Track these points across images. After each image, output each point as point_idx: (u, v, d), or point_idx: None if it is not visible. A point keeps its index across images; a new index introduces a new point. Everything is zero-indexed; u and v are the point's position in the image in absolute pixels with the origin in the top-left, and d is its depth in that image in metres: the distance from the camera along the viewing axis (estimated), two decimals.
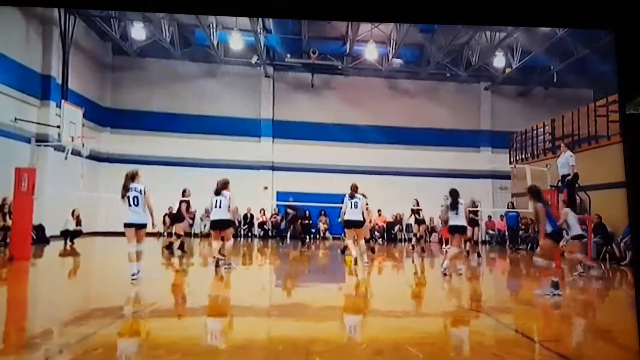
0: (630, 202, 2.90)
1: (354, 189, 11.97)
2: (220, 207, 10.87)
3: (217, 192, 10.95)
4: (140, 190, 9.00)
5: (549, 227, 8.11)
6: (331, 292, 9.11)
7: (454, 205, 10.78)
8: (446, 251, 12.22)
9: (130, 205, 8.95)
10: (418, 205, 16.68)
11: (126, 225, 8.96)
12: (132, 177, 9.13)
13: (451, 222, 10.89)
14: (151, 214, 9.19)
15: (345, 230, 12.17)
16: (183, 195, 13.80)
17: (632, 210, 2.92)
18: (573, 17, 3.26)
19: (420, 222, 16.97)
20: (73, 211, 16.32)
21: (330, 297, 7.98)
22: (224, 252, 10.99)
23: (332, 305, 7.36)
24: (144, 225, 9.06)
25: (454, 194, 10.87)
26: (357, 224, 11.86)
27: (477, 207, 16.57)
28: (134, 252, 8.83)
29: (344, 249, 14.38)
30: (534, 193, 8.38)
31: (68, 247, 15.54)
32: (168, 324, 6.17)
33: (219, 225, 10.99)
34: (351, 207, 11.78)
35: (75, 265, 12.85)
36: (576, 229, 11.15)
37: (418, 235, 17.09)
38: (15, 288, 9.29)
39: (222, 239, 11.02)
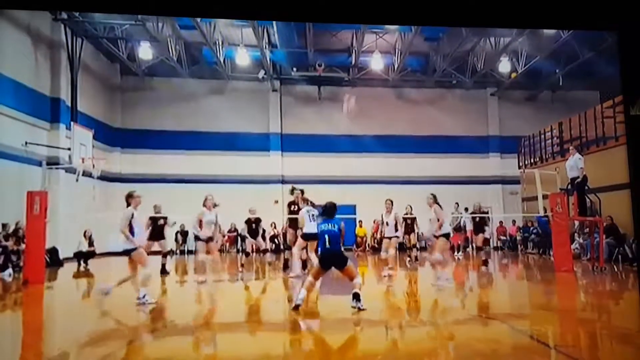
0: (634, 202, 2.91)
1: (209, 200, 11.60)
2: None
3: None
4: None
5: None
6: (345, 304, 9.09)
7: None
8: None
9: None
10: (412, 212, 15.98)
11: None
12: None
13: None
14: None
15: (198, 244, 11.71)
16: (155, 211, 13.29)
17: (635, 211, 2.93)
18: (576, 19, 3.28)
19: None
20: (85, 232, 16.26)
21: (344, 309, 7.94)
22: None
23: (347, 317, 7.32)
24: None
25: None
26: (210, 240, 11.53)
27: (486, 212, 16.49)
28: None
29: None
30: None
31: (82, 269, 15.55)
32: (185, 341, 6.19)
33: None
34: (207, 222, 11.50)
35: (89, 286, 12.87)
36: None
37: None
38: (31, 312, 9.33)
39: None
